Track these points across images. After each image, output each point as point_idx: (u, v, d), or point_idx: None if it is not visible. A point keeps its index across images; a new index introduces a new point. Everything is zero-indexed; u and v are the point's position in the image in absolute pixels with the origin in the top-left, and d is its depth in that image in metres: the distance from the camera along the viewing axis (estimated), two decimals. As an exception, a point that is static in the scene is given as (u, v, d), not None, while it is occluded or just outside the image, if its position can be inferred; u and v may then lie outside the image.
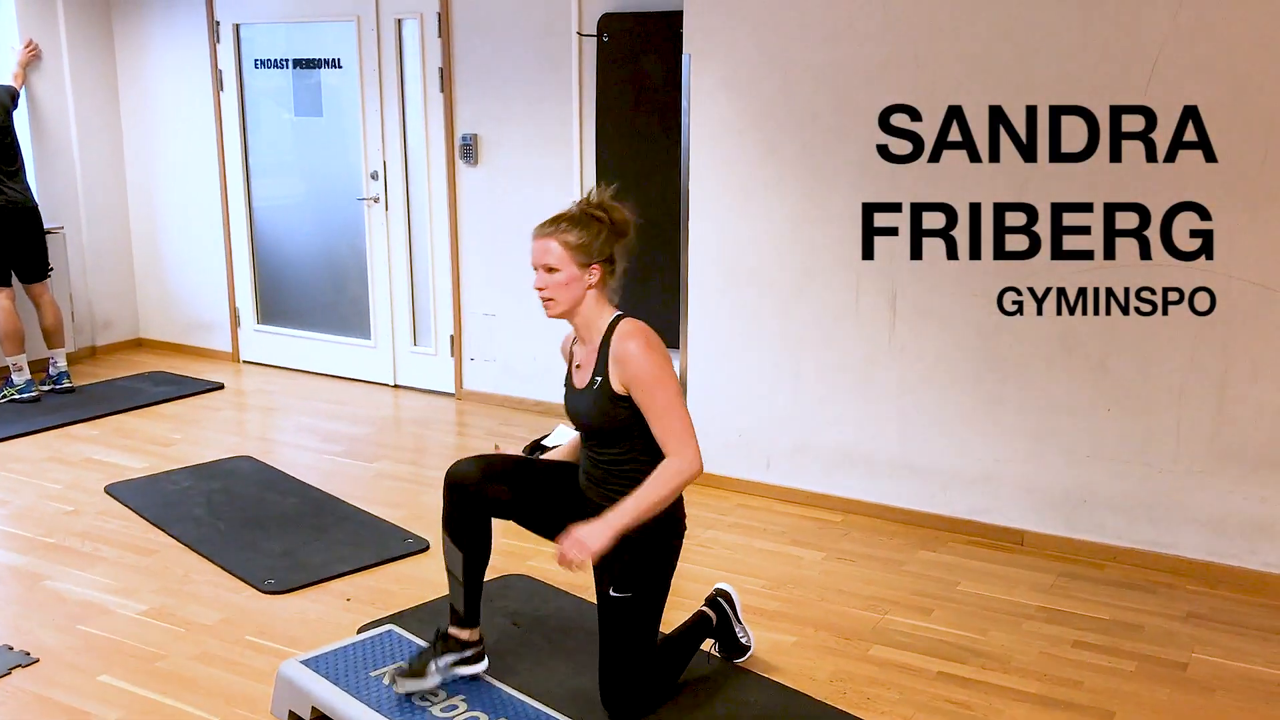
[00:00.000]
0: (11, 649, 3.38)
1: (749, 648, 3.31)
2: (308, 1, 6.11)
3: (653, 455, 2.88)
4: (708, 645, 3.28)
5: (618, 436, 2.92)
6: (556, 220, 2.94)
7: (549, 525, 3.01)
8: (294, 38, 6.27)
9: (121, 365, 6.77)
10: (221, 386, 6.32)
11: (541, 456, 3.29)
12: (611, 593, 2.93)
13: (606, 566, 2.91)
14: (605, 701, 2.97)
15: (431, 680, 2.94)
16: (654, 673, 3.02)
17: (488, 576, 3.07)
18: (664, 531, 2.96)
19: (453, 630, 3.01)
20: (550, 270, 2.91)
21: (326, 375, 6.53)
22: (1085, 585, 3.85)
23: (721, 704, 3.08)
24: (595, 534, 2.77)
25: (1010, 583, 3.87)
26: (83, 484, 4.79)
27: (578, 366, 3.02)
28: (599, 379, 2.91)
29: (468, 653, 3.00)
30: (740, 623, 3.30)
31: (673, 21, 4.92)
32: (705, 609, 3.27)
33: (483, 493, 2.94)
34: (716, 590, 3.33)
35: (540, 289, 2.93)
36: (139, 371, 6.60)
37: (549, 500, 3.05)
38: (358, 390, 6.27)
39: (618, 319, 2.95)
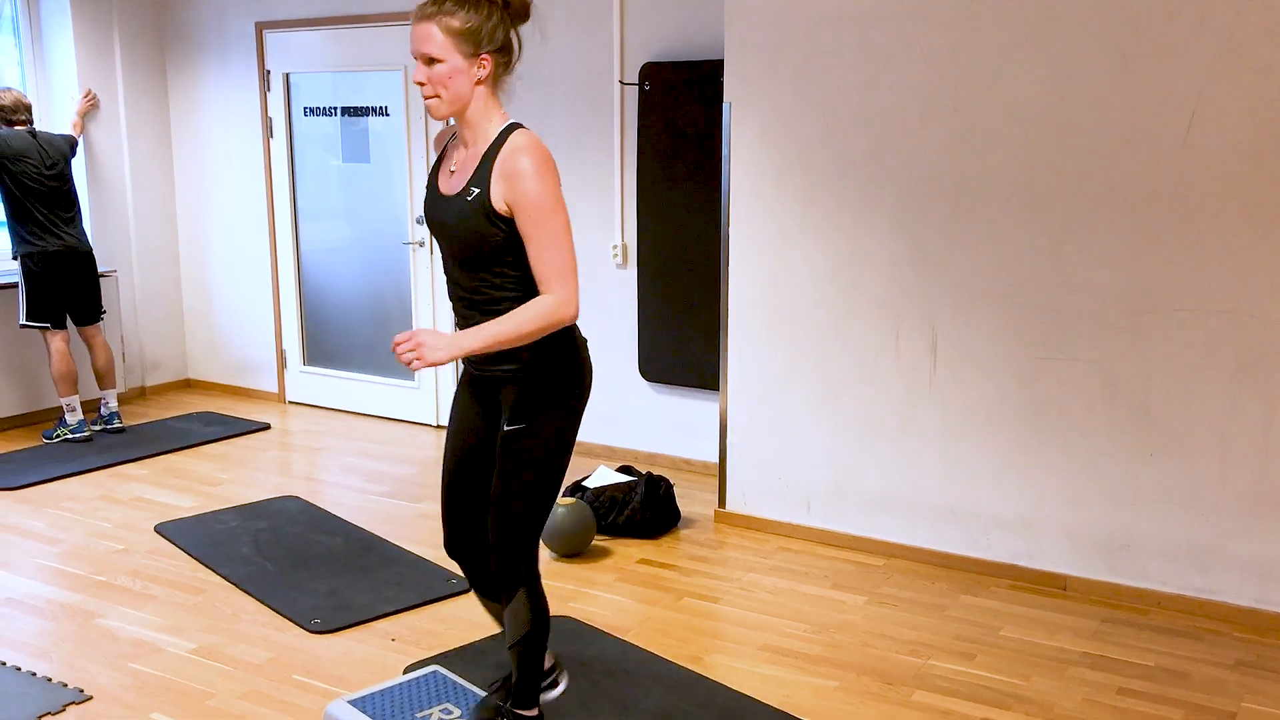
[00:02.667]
0: (66, 685, 3.45)
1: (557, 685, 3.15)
2: (356, 51, 6.26)
3: (527, 284, 2.61)
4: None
5: (486, 260, 2.60)
6: (439, 0, 2.52)
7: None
8: (342, 86, 6.42)
9: (170, 406, 6.89)
10: (268, 427, 6.42)
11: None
12: (505, 427, 2.71)
13: (500, 412, 2.74)
14: (495, 562, 2.78)
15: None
16: (530, 553, 2.77)
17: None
18: (563, 366, 2.71)
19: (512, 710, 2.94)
20: (432, 61, 2.53)
21: (371, 416, 6.62)
22: (1130, 631, 3.83)
23: (764, 748, 3.09)
24: (440, 345, 2.49)
25: (1053, 628, 3.85)
26: (133, 523, 4.88)
27: (452, 171, 2.67)
28: (476, 190, 2.57)
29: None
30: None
31: (713, 70, 5.00)
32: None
33: (460, 538, 2.91)
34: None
35: (420, 84, 2.56)
36: (188, 412, 6.72)
37: (486, 462, 2.86)
38: (402, 431, 6.34)
39: (511, 127, 2.61)
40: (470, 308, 2.70)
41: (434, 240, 2.61)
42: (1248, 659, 3.64)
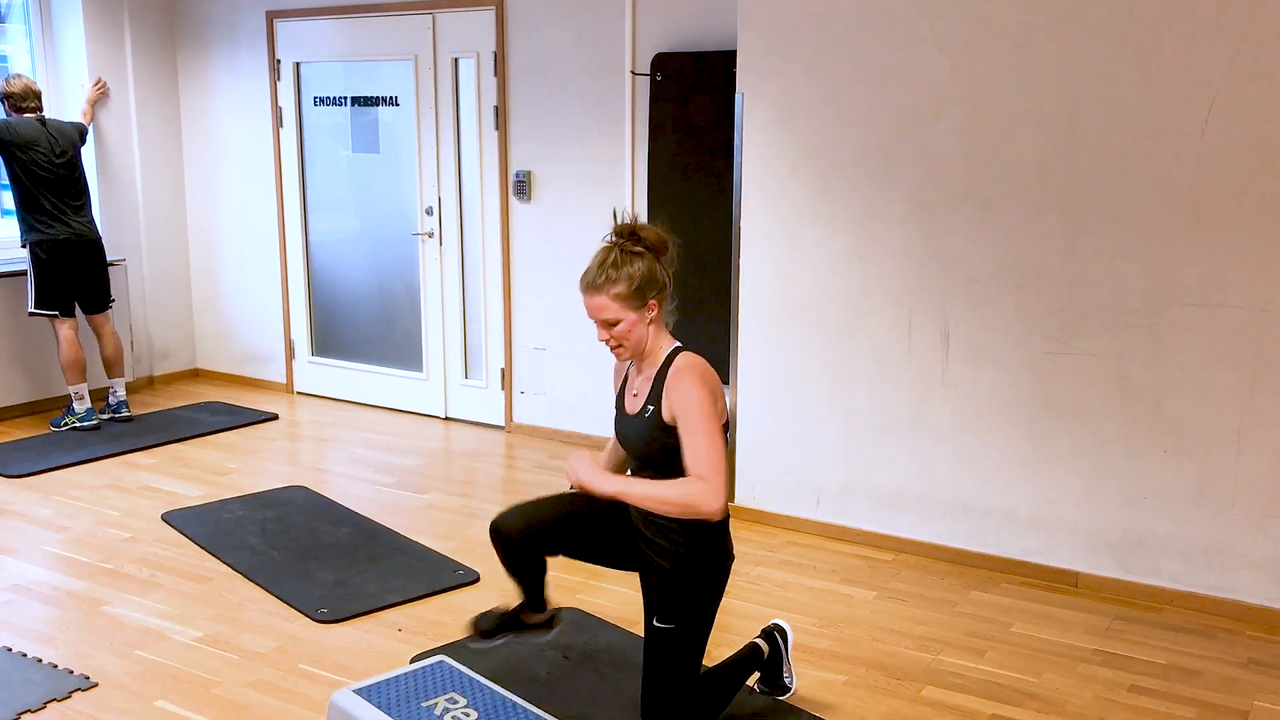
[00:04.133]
0: (72, 672, 3.44)
1: (790, 688, 3.31)
2: (367, 40, 6.24)
3: None
4: (752, 680, 3.27)
5: (664, 466, 2.88)
6: (601, 269, 2.84)
7: (603, 557, 3.04)
8: (353, 76, 6.40)
9: (178, 395, 6.89)
10: (276, 417, 6.41)
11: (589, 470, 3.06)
12: (656, 623, 2.94)
13: (655, 596, 2.94)
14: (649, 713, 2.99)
15: (497, 642, 3.16)
16: (696, 703, 3.01)
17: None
18: (712, 564, 2.95)
19: (525, 616, 3.14)
20: (610, 324, 2.87)
21: (379, 407, 6.61)
22: (1141, 629, 3.80)
23: (772, 742, 3.07)
24: (600, 478, 2.81)
25: (1065, 625, 3.82)
26: (140, 511, 4.87)
27: (634, 394, 2.99)
28: (651, 408, 2.88)
29: (540, 625, 3.17)
30: (789, 662, 3.29)
31: (725, 61, 4.97)
32: (759, 640, 3.27)
33: (527, 542, 2.95)
34: (773, 625, 3.33)
35: (606, 341, 2.90)
36: (196, 401, 6.71)
37: (597, 536, 3.05)
38: (409, 422, 6.33)
39: (675, 350, 2.93)
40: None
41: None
42: (1261, 658, 3.60)
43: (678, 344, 2.96)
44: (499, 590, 3.93)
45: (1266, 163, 3.65)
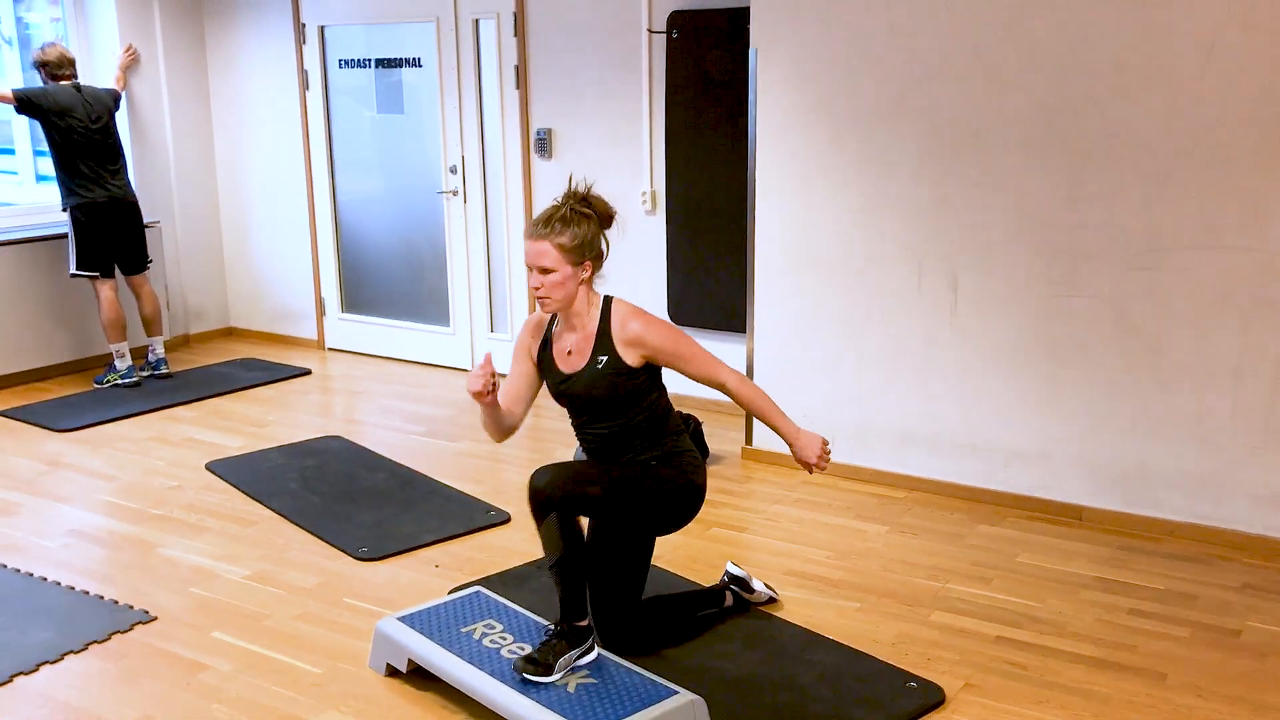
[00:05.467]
0: (131, 608, 3.68)
1: (774, 598, 3.66)
2: (389, 3, 6.38)
3: (648, 410, 3.18)
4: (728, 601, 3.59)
5: (622, 406, 3.14)
6: (549, 221, 3.06)
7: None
8: (376, 38, 6.55)
9: (214, 353, 7.12)
10: (309, 372, 6.63)
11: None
12: (619, 520, 3.21)
13: (624, 495, 3.15)
14: (599, 623, 3.25)
15: (558, 675, 2.96)
16: (647, 609, 3.35)
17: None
18: (683, 471, 3.23)
19: (566, 624, 3.06)
20: (546, 271, 3.05)
21: (408, 361, 6.82)
22: (1142, 558, 3.98)
23: (791, 663, 3.27)
24: (811, 441, 3.24)
25: (1068, 555, 4.01)
26: (184, 461, 5.10)
27: (570, 353, 3.18)
28: (604, 358, 3.11)
29: (586, 641, 3.06)
30: (758, 591, 3.62)
31: (740, 17, 5.10)
32: (726, 590, 3.59)
33: (565, 500, 3.00)
34: (726, 576, 3.62)
35: (536, 288, 3.08)
36: (230, 358, 6.94)
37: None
38: (437, 375, 6.54)
39: (606, 301, 3.17)
40: (607, 441, 3.21)
41: (568, 409, 3.27)
42: (1254, 582, 3.78)
43: (604, 295, 3.19)
44: (529, 531, 4.13)
45: (1263, 105, 3.78)
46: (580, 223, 3.07)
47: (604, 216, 3.14)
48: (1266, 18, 3.72)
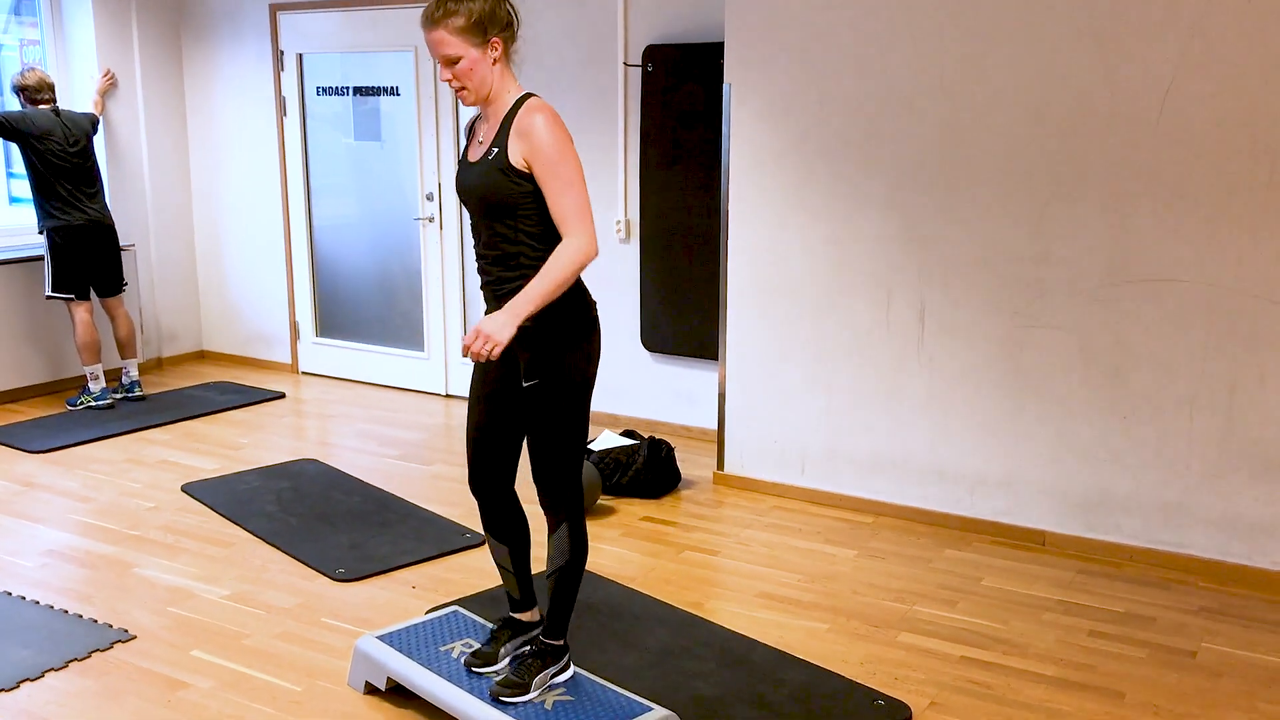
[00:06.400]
0: (111, 626, 3.71)
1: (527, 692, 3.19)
2: (368, 32, 6.48)
3: (540, 238, 2.84)
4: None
5: (505, 211, 2.82)
6: (440, 3, 2.77)
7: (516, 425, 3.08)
8: (354, 67, 6.64)
9: (187, 376, 7.14)
10: (283, 395, 6.66)
11: None
12: (523, 384, 2.94)
13: (518, 362, 2.93)
14: (541, 498, 3.02)
15: (501, 664, 3.12)
16: (574, 489, 3.01)
17: (536, 569, 3.35)
18: (572, 322, 2.89)
19: (514, 615, 3.23)
20: (452, 61, 2.79)
21: (382, 385, 6.87)
22: (1102, 582, 4.10)
23: (762, 682, 3.35)
24: (500, 323, 2.70)
25: (1031, 579, 4.12)
26: (160, 483, 5.13)
27: (480, 142, 2.91)
28: (496, 149, 2.82)
29: (563, 659, 3.11)
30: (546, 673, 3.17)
31: (714, 53, 5.23)
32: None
33: (484, 476, 3.06)
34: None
35: (448, 81, 2.81)
36: (204, 381, 6.96)
37: (509, 417, 3.06)
38: (411, 399, 6.59)
39: (525, 95, 2.86)
40: (493, 264, 2.90)
41: (463, 211, 2.82)
42: (1210, 605, 3.91)
43: (526, 90, 2.89)
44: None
45: (1217, 145, 3.93)
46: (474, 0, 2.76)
47: None
48: (1219, 58, 3.88)
